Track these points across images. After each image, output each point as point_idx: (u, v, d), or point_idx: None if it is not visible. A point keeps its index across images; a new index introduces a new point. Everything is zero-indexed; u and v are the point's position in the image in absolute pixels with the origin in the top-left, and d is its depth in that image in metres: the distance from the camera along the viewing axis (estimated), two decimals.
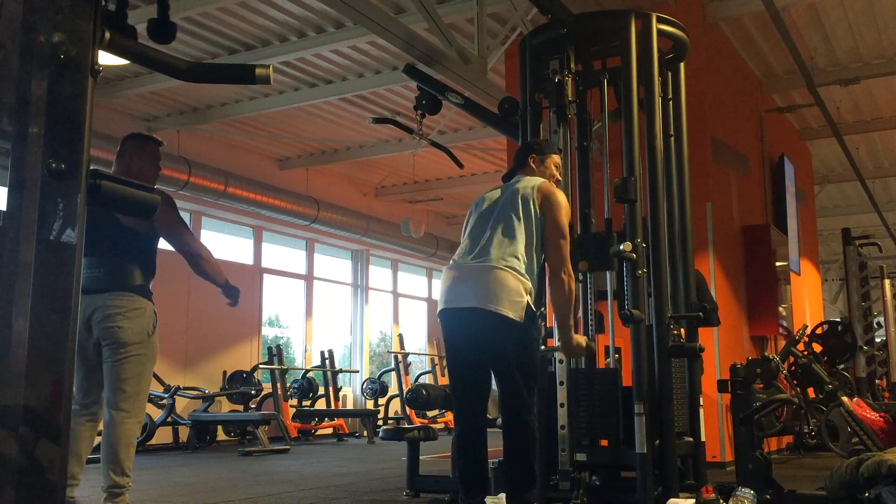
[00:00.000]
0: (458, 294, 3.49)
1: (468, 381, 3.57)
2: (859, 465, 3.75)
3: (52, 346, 1.40)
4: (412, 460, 5.06)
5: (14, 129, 1.42)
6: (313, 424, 11.28)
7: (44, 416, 1.37)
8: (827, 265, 17.09)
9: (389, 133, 10.55)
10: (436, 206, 14.42)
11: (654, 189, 4.31)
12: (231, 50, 7.90)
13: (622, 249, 4.04)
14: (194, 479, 6.24)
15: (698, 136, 6.33)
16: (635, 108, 4.28)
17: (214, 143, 10.74)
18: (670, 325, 4.23)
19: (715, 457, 6.21)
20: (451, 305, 3.52)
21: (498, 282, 3.40)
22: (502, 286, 3.40)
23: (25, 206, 1.39)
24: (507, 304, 3.38)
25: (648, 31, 4.39)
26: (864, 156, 11.73)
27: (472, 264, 3.50)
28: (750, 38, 8.04)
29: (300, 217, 11.47)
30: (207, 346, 10.73)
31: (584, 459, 4.11)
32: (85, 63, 1.48)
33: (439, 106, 5.28)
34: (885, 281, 11.80)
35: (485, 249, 3.50)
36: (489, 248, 3.49)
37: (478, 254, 3.51)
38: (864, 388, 9.24)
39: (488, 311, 3.38)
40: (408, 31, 5.97)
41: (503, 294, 3.39)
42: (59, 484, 1.40)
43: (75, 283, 1.44)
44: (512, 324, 3.38)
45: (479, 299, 3.41)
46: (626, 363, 4.18)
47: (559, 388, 4.13)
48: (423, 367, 14.90)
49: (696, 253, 4.82)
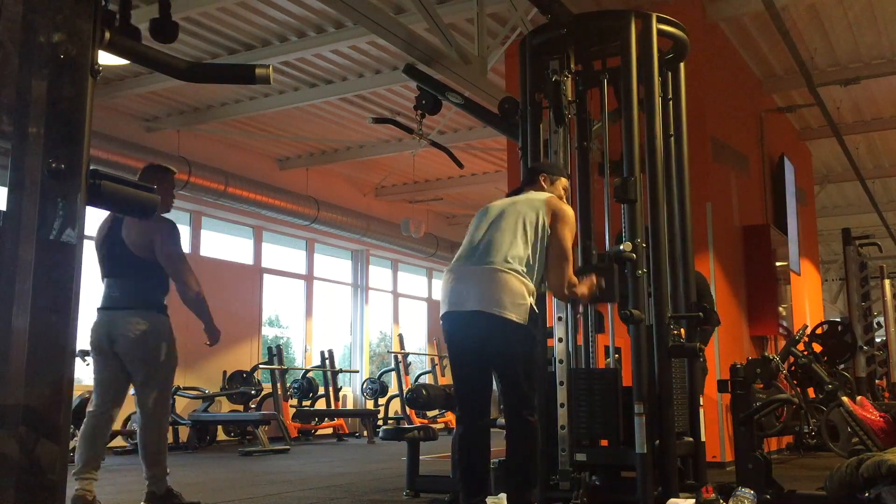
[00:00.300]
0: (461, 297, 3.48)
1: (472, 382, 3.56)
2: (859, 465, 3.75)
3: (52, 346, 1.40)
4: (412, 460, 5.06)
5: (14, 129, 1.42)
6: (313, 424, 11.28)
7: (44, 416, 1.37)
8: (827, 265, 17.09)
9: (389, 133, 10.56)
10: (436, 206, 14.42)
11: (654, 189, 4.31)
12: (231, 50, 7.90)
13: (622, 249, 4.04)
14: (194, 479, 6.24)
15: (698, 136, 6.32)
16: (635, 108, 4.28)
17: (214, 143, 10.74)
18: (670, 325, 4.23)
19: (715, 457, 6.21)
20: (454, 309, 3.51)
21: (501, 284, 3.40)
22: (505, 289, 3.39)
23: (25, 206, 1.39)
24: (510, 307, 3.37)
25: (648, 31, 4.38)
26: (864, 156, 11.73)
27: (475, 267, 3.49)
28: (750, 38, 8.04)
29: (300, 217, 11.47)
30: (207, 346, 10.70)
31: (584, 459, 4.11)
32: (85, 63, 1.48)
33: (439, 106, 5.28)
34: (885, 281, 11.80)
35: (487, 252, 3.49)
36: (491, 251, 3.48)
37: (480, 256, 3.50)
38: (864, 388, 9.24)
39: (492, 314, 3.37)
40: (408, 31, 5.97)
41: (506, 297, 3.38)
42: (59, 484, 1.40)
43: (75, 283, 1.44)
44: (516, 326, 3.38)
45: (482, 302, 3.40)
46: (626, 363, 4.18)
47: (559, 388, 4.13)
48: (423, 367, 14.90)
49: (696, 253, 4.82)
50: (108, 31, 1.68)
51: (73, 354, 1.47)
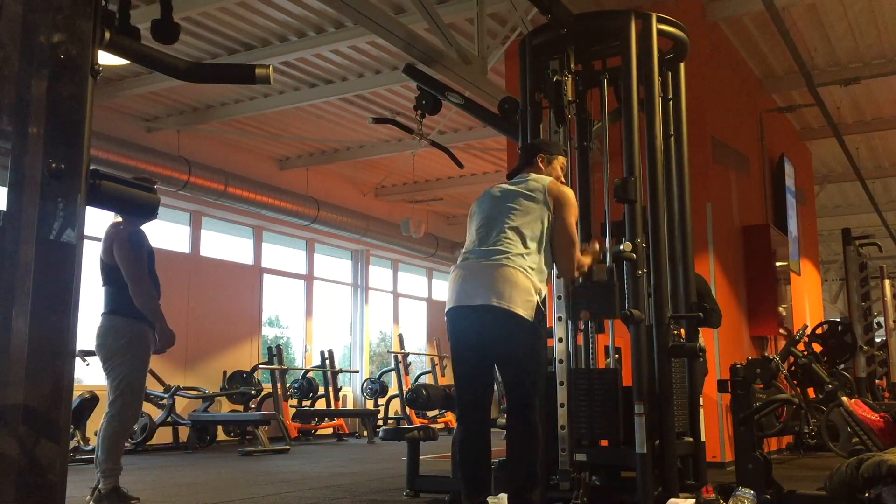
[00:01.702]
0: (469, 292, 3.45)
1: (474, 381, 3.53)
2: (859, 465, 3.75)
3: (52, 346, 1.40)
4: (412, 460, 5.06)
5: (14, 129, 1.42)
6: (313, 424, 11.28)
7: (44, 416, 1.37)
8: (827, 265, 17.09)
9: (389, 133, 10.55)
10: (436, 206, 14.41)
11: (654, 189, 4.31)
12: (231, 50, 7.90)
13: (622, 249, 4.04)
14: (194, 479, 6.24)
15: (698, 136, 6.32)
16: (635, 108, 4.28)
17: (214, 143, 10.74)
18: (670, 325, 4.23)
19: (715, 457, 6.21)
20: (461, 303, 3.47)
21: (510, 280, 3.38)
22: (515, 285, 3.38)
23: (25, 206, 1.39)
24: (519, 303, 3.36)
25: (648, 31, 4.39)
26: (864, 156, 11.73)
27: (483, 262, 3.47)
28: (750, 38, 8.04)
29: (300, 217, 11.46)
30: (207, 346, 10.73)
31: (584, 459, 4.11)
32: (85, 63, 1.48)
33: (439, 106, 5.28)
34: (885, 281, 11.81)
35: (495, 247, 3.47)
36: (499, 246, 3.46)
37: (487, 251, 3.48)
38: (864, 388, 9.24)
39: (501, 308, 3.35)
40: (408, 31, 5.97)
41: (515, 293, 3.37)
42: (60, 484, 1.40)
43: (75, 283, 1.44)
44: (523, 322, 3.37)
45: (491, 297, 3.37)
46: (626, 363, 4.18)
47: (559, 388, 4.13)
48: (423, 367, 14.90)
49: (696, 253, 4.81)
50: (108, 31, 1.68)
51: (73, 354, 1.47)
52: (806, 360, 7.99)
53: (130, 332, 4.41)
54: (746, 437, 4.34)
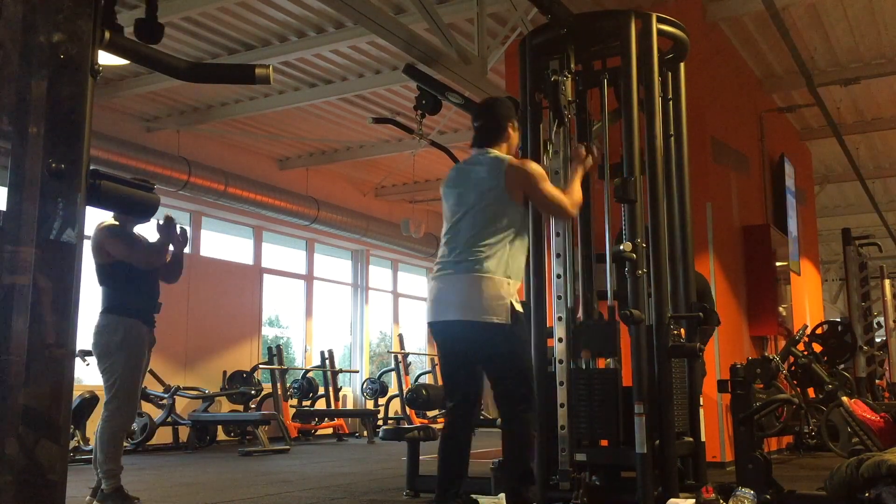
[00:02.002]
0: (442, 307, 3.53)
1: (458, 383, 3.61)
2: (859, 465, 3.75)
3: (52, 346, 1.40)
4: (412, 460, 5.06)
5: (14, 129, 1.42)
6: (313, 424, 11.28)
7: (44, 416, 1.37)
8: (827, 265, 17.08)
9: (389, 133, 10.55)
10: (436, 206, 14.39)
11: (654, 189, 4.31)
12: (231, 50, 7.90)
13: (622, 249, 4.04)
14: (194, 479, 6.24)
15: (698, 136, 6.32)
16: (635, 108, 4.28)
17: (214, 143, 10.74)
18: (670, 325, 4.22)
19: (715, 457, 6.21)
20: (436, 318, 3.58)
21: (479, 289, 3.42)
22: (483, 293, 3.41)
23: (25, 206, 1.39)
24: (490, 311, 3.40)
25: (648, 31, 4.38)
26: (864, 156, 11.73)
27: (453, 276, 3.50)
28: (750, 38, 8.04)
29: (300, 217, 11.47)
30: (207, 346, 10.73)
31: (584, 459, 4.11)
32: (85, 63, 1.48)
33: (439, 106, 5.28)
34: (885, 281, 11.81)
35: (463, 254, 3.50)
36: (467, 254, 3.48)
37: (456, 262, 3.51)
38: (864, 389, 9.24)
39: (471, 321, 3.42)
40: (408, 31, 5.97)
41: (485, 302, 3.40)
42: (60, 484, 1.40)
43: (75, 283, 1.44)
44: (496, 328, 3.40)
45: (461, 311, 3.45)
46: (626, 363, 4.18)
47: (559, 388, 4.13)
48: (423, 367, 14.89)
49: (696, 253, 4.81)
50: (108, 31, 1.68)
51: (73, 354, 1.47)
52: (806, 360, 7.98)
53: (125, 330, 4.48)
54: (746, 437, 4.34)
